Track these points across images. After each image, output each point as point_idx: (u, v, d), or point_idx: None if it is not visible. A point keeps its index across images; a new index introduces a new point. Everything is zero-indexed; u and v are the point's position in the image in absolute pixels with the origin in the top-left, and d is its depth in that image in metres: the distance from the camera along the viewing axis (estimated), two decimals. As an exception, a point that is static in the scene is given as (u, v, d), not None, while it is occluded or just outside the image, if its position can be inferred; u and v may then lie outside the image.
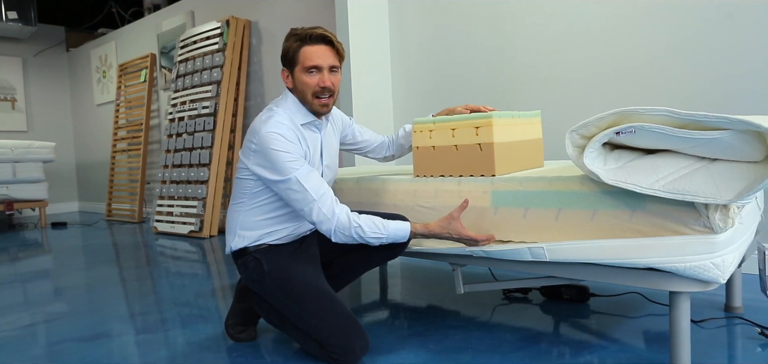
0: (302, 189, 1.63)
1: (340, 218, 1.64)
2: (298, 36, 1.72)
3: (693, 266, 1.36)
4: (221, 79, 4.73)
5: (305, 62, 1.71)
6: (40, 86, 7.58)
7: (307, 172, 1.66)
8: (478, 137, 1.75)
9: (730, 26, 2.45)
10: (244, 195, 1.77)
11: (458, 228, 1.68)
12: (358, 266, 1.96)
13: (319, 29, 1.73)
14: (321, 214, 1.64)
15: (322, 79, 1.72)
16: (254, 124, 1.72)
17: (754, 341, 1.74)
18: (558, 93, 3.00)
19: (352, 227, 1.64)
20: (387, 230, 1.68)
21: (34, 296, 2.82)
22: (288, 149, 1.65)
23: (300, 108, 1.77)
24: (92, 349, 1.97)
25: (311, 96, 1.73)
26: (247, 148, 1.72)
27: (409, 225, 1.71)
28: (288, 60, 1.75)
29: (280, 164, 1.64)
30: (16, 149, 5.78)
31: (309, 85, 1.72)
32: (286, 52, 1.75)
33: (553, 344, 1.80)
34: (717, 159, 1.36)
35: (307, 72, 1.72)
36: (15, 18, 6.44)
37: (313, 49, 1.71)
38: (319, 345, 1.68)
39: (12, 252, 4.38)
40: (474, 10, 3.30)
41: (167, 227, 4.91)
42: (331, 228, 1.64)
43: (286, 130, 1.68)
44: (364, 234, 1.65)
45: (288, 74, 1.77)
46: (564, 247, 1.54)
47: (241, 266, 1.81)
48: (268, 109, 1.77)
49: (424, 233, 1.72)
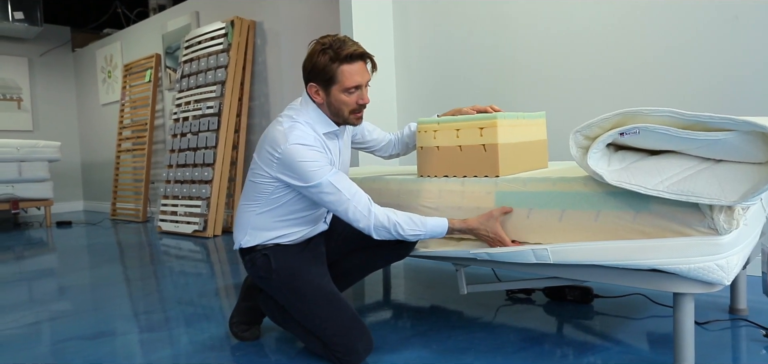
0: (336, 191, 1.63)
1: (378, 216, 1.64)
2: (335, 55, 1.65)
3: (697, 268, 1.35)
4: (225, 79, 4.74)
5: (345, 83, 1.66)
6: (46, 86, 7.61)
7: (336, 174, 1.65)
8: (482, 138, 1.75)
9: (735, 27, 2.44)
10: (259, 197, 1.74)
11: (496, 228, 1.65)
12: (363, 267, 1.97)
13: (353, 45, 1.67)
14: (357, 212, 1.63)
15: (361, 96, 1.70)
16: (274, 133, 1.68)
17: (759, 343, 1.73)
18: (561, 94, 2.99)
19: (391, 223, 1.64)
20: (425, 226, 1.67)
21: (38, 295, 2.83)
22: (315, 158, 1.63)
23: (321, 118, 1.73)
24: (96, 347, 1.97)
25: (348, 113, 1.71)
26: (268, 157, 1.68)
27: (447, 221, 1.69)
28: (323, 78, 1.67)
29: (310, 173, 1.62)
30: (22, 149, 5.81)
31: (347, 104, 1.69)
32: (321, 68, 1.66)
33: (557, 345, 1.80)
34: (722, 160, 1.36)
35: (346, 92, 1.67)
36: (21, 18, 6.47)
37: (354, 69, 1.66)
38: (322, 344, 1.69)
39: (17, 251, 4.40)
40: (477, 12, 3.30)
41: (171, 227, 4.92)
42: (370, 225, 1.64)
43: (312, 141, 1.66)
44: (404, 231, 1.65)
45: (318, 90, 1.70)
46: (568, 248, 1.54)
47: (249, 262, 1.81)
48: (287, 118, 1.72)
49: (461, 229, 1.69)
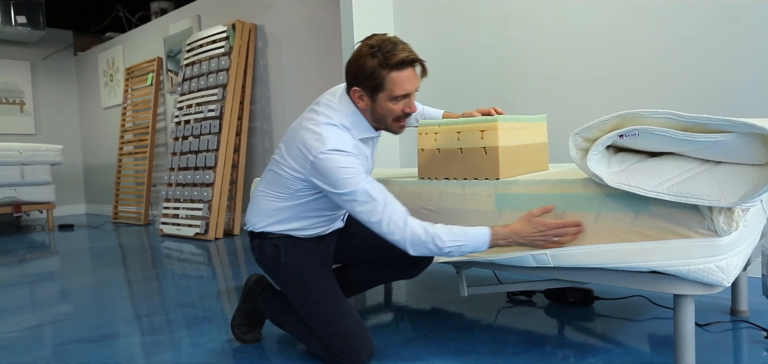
0: (370, 199, 1.52)
1: (414, 228, 1.51)
2: (385, 60, 1.54)
3: (697, 270, 1.35)
4: (227, 82, 4.75)
5: (395, 91, 1.56)
6: (48, 90, 7.63)
7: (372, 182, 1.55)
8: (483, 141, 1.75)
9: (735, 28, 2.44)
10: (282, 190, 1.69)
11: (545, 220, 1.52)
12: (370, 281, 1.94)
13: (404, 50, 1.56)
14: (392, 224, 1.51)
15: (408, 104, 1.61)
16: (308, 134, 1.58)
17: (760, 345, 1.73)
18: (562, 95, 2.99)
19: (429, 236, 1.50)
20: (467, 236, 1.51)
21: (40, 298, 2.84)
22: (352, 165, 1.54)
23: (360, 122, 1.65)
24: (98, 350, 1.98)
25: (392, 121, 1.63)
26: (300, 158, 1.60)
27: (489, 231, 1.52)
28: (369, 84, 1.57)
29: (345, 180, 1.53)
30: (24, 152, 5.82)
31: (393, 112, 1.60)
32: (368, 73, 1.55)
33: (557, 347, 1.80)
34: (721, 162, 1.36)
35: (394, 100, 1.58)
36: (24, 22, 6.50)
37: (404, 76, 1.56)
38: (324, 347, 1.68)
39: (19, 254, 4.41)
40: (478, 13, 3.31)
41: (173, 230, 4.93)
42: (405, 239, 1.51)
43: (350, 147, 1.57)
44: (443, 244, 1.50)
45: (363, 95, 1.60)
46: (568, 251, 1.54)
47: (257, 247, 1.77)
48: (324, 116, 1.61)
49: (505, 236, 1.53)
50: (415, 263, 1.83)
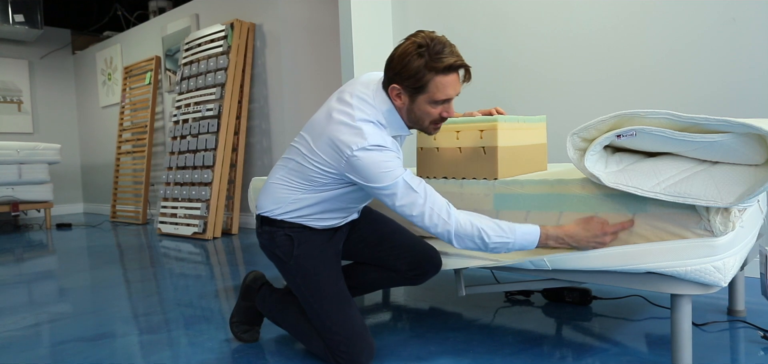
0: (410, 191, 1.48)
1: (460, 220, 1.47)
2: (432, 64, 1.48)
3: (694, 270, 1.36)
4: (225, 81, 4.75)
5: (437, 95, 1.51)
6: (46, 88, 7.62)
7: (411, 174, 1.50)
8: (482, 140, 1.75)
9: (733, 30, 2.45)
10: (310, 183, 1.63)
11: (600, 222, 1.46)
12: (374, 285, 1.92)
13: (451, 55, 1.49)
14: (434, 215, 1.47)
15: (447, 109, 1.55)
16: (342, 129, 1.52)
17: (757, 344, 1.74)
18: (561, 96, 3.00)
19: (475, 228, 1.45)
20: (514, 234, 1.46)
21: (38, 297, 2.84)
22: (390, 159, 1.50)
23: (395, 119, 1.59)
24: (96, 349, 1.98)
25: (429, 123, 1.58)
26: (333, 153, 1.54)
27: (539, 229, 1.48)
28: (412, 84, 1.51)
29: (384, 174, 1.48)
30: (22, 151, 5.81)
31: (431, 116, 1.55)
32: (412, 72, 1.49)
33: (555, 346, 1.80)
34: (718, 162, 1.36)
35: (433, 103, 1.53)
36: (22, 21, 6.48)
37: (448, 81, 1.50)
38: (324, 346, 1.68)
39: (17, 253, 4.40)
40: (476, 14, 3.31)
41: (171, 229, 4.93)
42: (450, 231, 1.47)
43: (389, 143, 1.53)
44: (489, 239, 1.45)
45: (401, 93, 1.54)
46: (564, 256, 1.54)
47: (267, 234, 1.72)
48: (360, 111, 1.55)
49: (557, 237, 1.48)
50: (424, 272, 1.79)
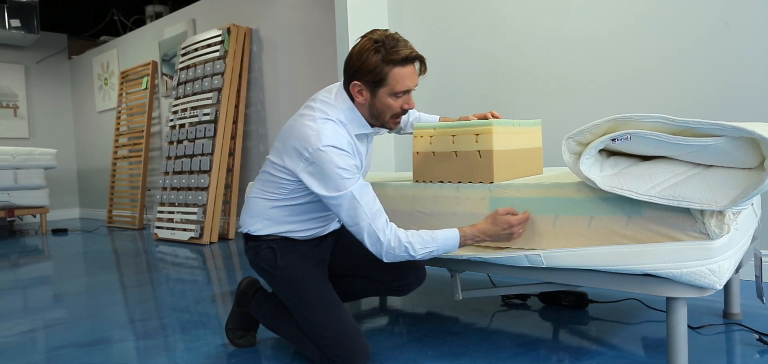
0: (355, 206, 1.54)
1: (390, 241, 1.55)
2: (389, 57, 1.56)
3: (689, 272, 1.36)
4: (222, 86, 4.75)
5: (396, 86, 1.59)
6: (43, 93, 7.61)
7: (361, 187, 1.56)
8: (477, 144, 1.76)
9: (727, 33, 2.46)
10: (276, 191, 1.70)
11: (507, 219, 1.58)
12: (364, 293, 1.95)
13: (406, 47, 1.59)
14: (372, 235, 1.55)
15: (406, 101, 1.63)
16: (304, 129, 1.59)
17: (753, 347, 1.74)
18: (556, 100, 3.01)
19: (402, 246, 1.55)
20: (436, 241, 1.57)
21: (34, 302, 2.83)
22: (345, 164, 1.55)
23: (356, 118, 1.66)
24: (92, 355, 1.97)
25: (389, 116, 1.65)
26: (295, 154, 1.60)
27: (458, 232, 1.59)
28: (371, 79, 1.58)
29: (336, 180, 1.54)
30: (18, 156, 5.80)
31: (392, 108, 1.62)
32: (371, 68, 1.57)
33: (552, 350, 1.80)
34: (712, 165, 1.37)
35: (394, 96, 1.60)
36: (18, 26, 6.47)
37: (406, 72, 1.59)
38: (319, 351, 1.68)
39: (12, 258, 4.38)
40: (472, 18, 3.32)
41: (168, 234, 4.92)
42: (382, 251, 1.56)
43: (345, 145, 1.59)
44: (415, 252, 1.56)
45: (363, 89, 1.61)
46: (561, 253, 1.55)
47: (252, 249, 1.76)
48: (320, 112, 1.63)
49: (473, 236, 1.60)
50: (407, 284, 1.82)
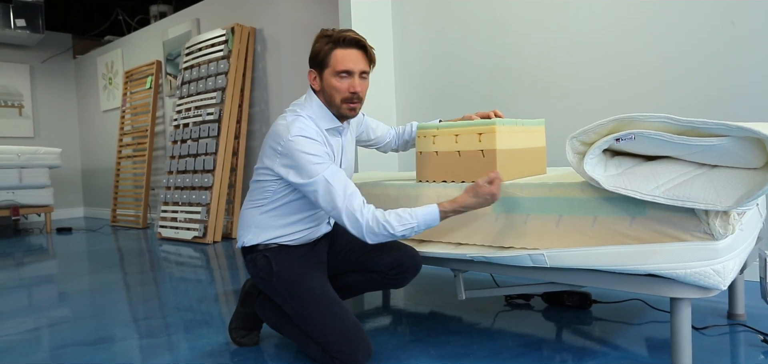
0: (330, 189, 1.60)
1: (368, 220, 1.59)
2: (331, 38, 1.68)
3: (693, 273, 1.36)
4: (226, 86, 4.76)
5: (336, 66, 1.67)
6: (47, 93, 7.64)
7: (334, 172, 1.63)
8: (481, 144, 1.76)
9: (732, 33, 2.45)
10: (264, 196, 1.75)
11: (487, 188, 1.59)
12: (362, 288, 1.95)
13: (351, 32, 1.70)
14: (351, 216, 1.59)
15: (352, 84, 1.69)
16: (277, 127, 1.69)
17: (757, 348, 1.74)
18: (559, 100, 3.00)
19: (381, 225, 1.58)
20: (416, 217, 1.60)
21: (38, 301, 2.84)
22: (315, 150, 1.63)
23: (325, 112, 1.74)
24: (96, 353, 1.98)
25: (340, 101, 1.70)
26: (271, 152, 1.69)
27: (437, 207, 1.61)
28: (318, 61, 1.71)
29: (308, 166, 1.61)
30: (23, 155, 5.82)
31: (339, 90, 1.69)
32: (316, 53, 1.70)
33: (555, 350, 1.80)
34: (717, 166, 1.36)
35: (337, 76, 1.68)
36: (23, 25, 6.50)
37: (346, 53, 1.67)
38: (322, 350, 1.68)
39: (17, 257, 4.40)
40: (476, 17, 3.32)
41: (171, 233, 4.93)
42: (362, 230, 1.60)
43: (314, 134, 1.66)
44: (395, 231, 1.59)
45: (316, 76, 1.73)
46: (564, 253, 1.54)
47: (250, 261, 1.80)
48: (291, 112, 1.73)
49: (454, 209, 1.62)
50: (404, 271, 1.80)
